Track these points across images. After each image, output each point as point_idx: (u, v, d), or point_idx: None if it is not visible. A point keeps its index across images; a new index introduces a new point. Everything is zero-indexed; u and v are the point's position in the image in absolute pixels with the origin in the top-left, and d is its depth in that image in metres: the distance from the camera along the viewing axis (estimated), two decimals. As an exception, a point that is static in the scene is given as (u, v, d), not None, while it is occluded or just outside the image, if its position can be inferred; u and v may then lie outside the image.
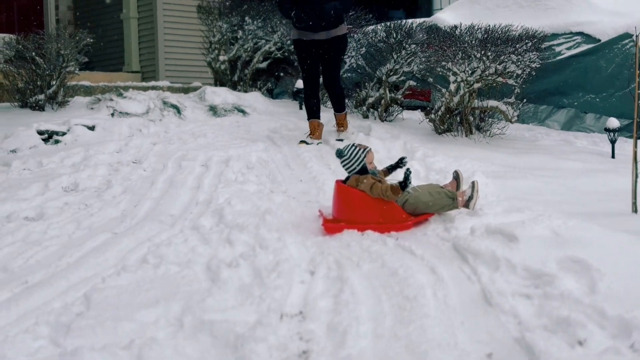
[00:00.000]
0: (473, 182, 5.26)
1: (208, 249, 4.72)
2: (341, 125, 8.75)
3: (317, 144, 8.26)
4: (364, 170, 5.28)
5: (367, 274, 4.21)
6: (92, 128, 8.71)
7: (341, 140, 8.17)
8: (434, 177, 6.48)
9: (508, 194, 5.97)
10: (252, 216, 5.39)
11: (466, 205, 5.17)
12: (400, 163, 5.51)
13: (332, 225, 5.13)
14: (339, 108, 8.68)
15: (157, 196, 6.20)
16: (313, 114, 8.52)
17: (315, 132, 8.43)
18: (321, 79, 8.71)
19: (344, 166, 5.37)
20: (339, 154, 5.36)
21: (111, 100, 9.71)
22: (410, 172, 4.99)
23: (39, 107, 9.52)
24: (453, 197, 5.16)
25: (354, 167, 5.30)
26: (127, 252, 4.69)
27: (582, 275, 3.71)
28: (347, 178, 5.36)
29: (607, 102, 10.03)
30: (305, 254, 4.60)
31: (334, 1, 8.11)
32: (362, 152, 5.30)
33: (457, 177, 5.54)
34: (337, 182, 5.37)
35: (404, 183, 4.97)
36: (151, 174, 6.93)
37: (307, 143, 8.21)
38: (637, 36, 5.20)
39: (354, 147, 5.34)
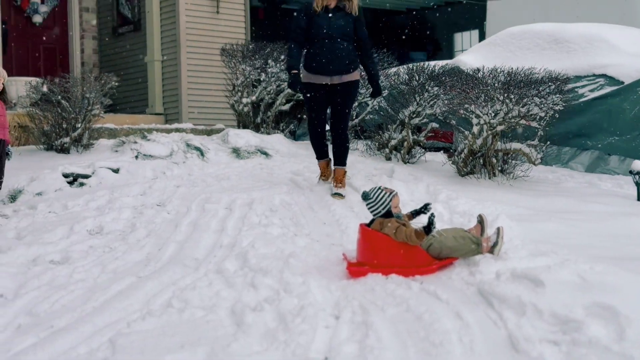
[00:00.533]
0: (498, 228, 5.23)
1: (232, 292, 4.72)
2: (340, 182, 7.93)
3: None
4: (389, 214, 5.28)
5: (392, 318, 4.19)
6: (116, 171, 8.77)
7: (340, 195, 7.69)
8: (458, 220, 6.46)
9: (533, 237, 5.93)
10: (276, 259, 5.39)
11: (491, 251, 5.14)
12: (424, 209, 5.50)
13: (356, 268, 5.12)
14: (341, 161, 7.99)
15: (181, 239, 6.22)
16: (324, 154, 8.18)
17: (326, 172, 8.17)
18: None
19: (369, 209, 5.37)
20: (365, 196, 5.36)
21: (135, 142, 9.79)
22: (434, 217, 4.98)
23: (64, 149, 9.61)
24: (478, 242, 5.14)
25: (379, 210, 5.30)
26: (151, 296, 4.70)
27: (610, 321, 3.67)
28: (372, 221, 5.35)
29: (632, 144, 9.98)
30: (330, 298, 4.60)
31: (360, 45, 7.85)
32: (388, 196, 5.30)
33: (481, 221, 5.51)
34: (361, 225, 5.37)
35: (428, 228, 4.96)
36: (175, 217, 6.96)
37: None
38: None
39: (380, 191, 5.34)
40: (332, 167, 8.11)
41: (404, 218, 5.34)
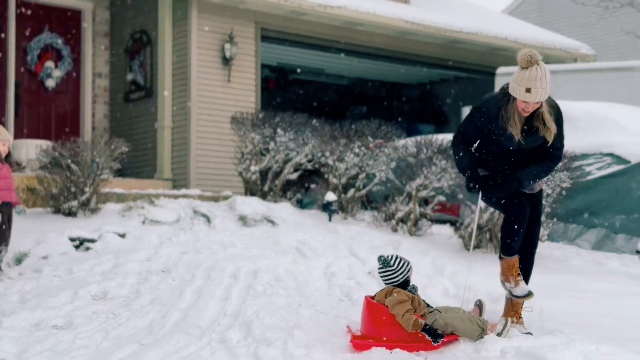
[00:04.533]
0: (507, 321, 5.20)
1: (235, 363, 4.70)
2: (518, 315, 5.77)
3: (528, 294, 5.68)
4: (404, 284, 5.27)
5: (395, 395, 4.15)
6: (122, 236, 8.78)
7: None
8: (463, 296, 6.42)
9: (538, 315, 5.90)
10: (281, 330, 5.36)
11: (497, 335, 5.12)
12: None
13: (360, 342, 5.09)
14: (525, 278, 5.89)
15: (186, 307, 6.20)
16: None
17: (516, 274, 5.76)
18: None
19: (385, 276, 5.33)
20: (385, 263, 5.32)
21: (142, 207, 9.81)
22: (441, 336, 5.00)
23: (71, 213, 9.64)
24: (483, 327, 5.10)
25: (397, 279, 5.29)
26: (154, 364, 4.67)
27: (616, 404, 3.64)
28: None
29: (638, 223, 9.98)
30: (333, 372, 4.56)
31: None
32: (408, 266, 5.31)
33: (479, 305, 5.53)
34: (366, 298, 5.35)
35: (432, 334, 4.96)
36: (180, 284, 6.94)
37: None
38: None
39: (400, 260, 5.33)
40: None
41: (417, 292, 5.31)
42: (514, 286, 5.65)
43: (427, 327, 4.97)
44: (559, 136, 5.60)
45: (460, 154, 5.83)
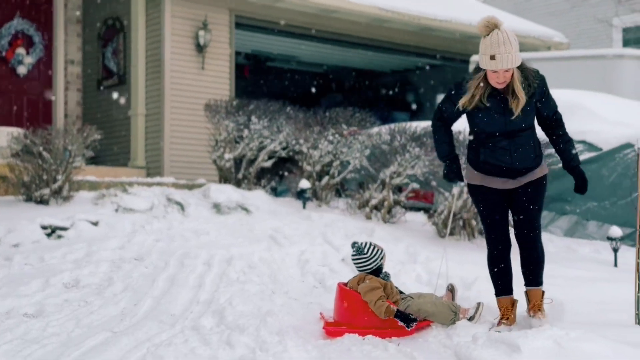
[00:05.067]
0: (479, 305, 5.22)
1: (208, 350, 4.69)
2: (538, 308, 5.28)
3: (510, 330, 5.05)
4: (377, 271, 5.28)
5: (367, 380, 4.17)
6: (95, 224, 8.73)
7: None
8: (436, 283, 6.45)
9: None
10: (253, 317, 5.36)
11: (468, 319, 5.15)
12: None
13: (333, 329, 5.10)
14: (533, 280, 5.37)
15: (158, 295, 6.18)
16: (504, 288, 5.36)
17: (510, 313, 5.27)
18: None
19: (359, 264, 5.32)
20: (359, 251, 5.31)
21: (115, 195, 9.76)
22: (414, 320, 4.99)
23: (43, 201, 9.56)
24: (456, 311, 5.13)
25: (370, 266, 5.28)
26: (126, 352, 4.65)
27: (585, 388, 3.67)
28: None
29: (610, 210, 10.07)
30: (306, 358, 4.57)
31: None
32: (381, 254, 5.31)
33: (452, 289, 5.55)
34: (339, 284, 5.35)
35: (404, 320, 4.96)
36: (153, 272, 6.91)
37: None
38: (638, 147, 5.26)
39: (374, 247, 5.33)
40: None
41: (390, 280, 5.31)
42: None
43: (400, 312, 4.98)
44: (551, 100, 5.27)
45: (439, 136, 5.44)
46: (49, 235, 8.29)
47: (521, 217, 5.30)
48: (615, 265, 8.21)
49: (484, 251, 8.29)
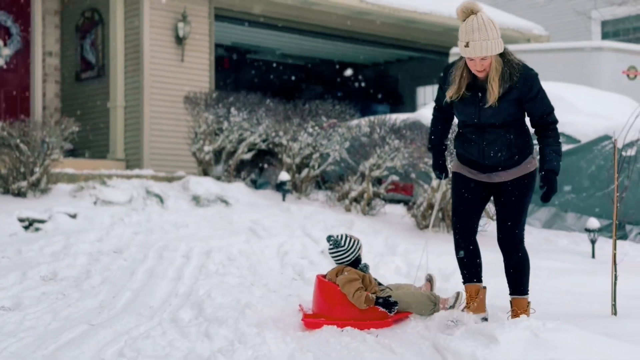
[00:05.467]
0: (458, 294, 5.23)
1: (186, 342, 4.68)
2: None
3: (482, 319, 4.98)
4: (355, 263, 5.27)
5: (346, 372, 4.17)
6: (73, 216, 8.69)
7: None
8: (416, 274, 6.46)
9: (488, 292, 5.95)
10: (232, 310, 5.35)
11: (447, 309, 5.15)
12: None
13: (311, 320, 5.10)
14: (516, 287, 5.04)
15: (137, 287, 6.16)
16: (469, 276, 5.20)
17: (473, 301, 5.11)
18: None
19: (337, 256, 5.30)
20: (336, 244, 5.30)
21: (94, 188, 9.71)
22: (395, 304, 4.97)
23: (21, 194, 9.50)
24: (435, 301, 5.13)
25: (348, 258, 5.27)
26: (103, 344, 4.63)
27: (561, 378, 3.69)
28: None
29: (588, 202, 10.13)
30: (285, 350, 4.57)
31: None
32: (358, 245, 5.29)
33: (430, 280, 5.56)
34: (318, 277, 5.35)
35: (386, 305, 4.95)
36: (131, 265, 6.89)
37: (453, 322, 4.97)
38: (616, 140, 5.28)
39: (350, 239, 5.31)
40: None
41: (369, 271, 5.30)
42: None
43: (380, 299, 4.97)
44: (541, 101, 4.88)
45: (432, 126, 5.28)
46: (26, 228, 8.24)
47: (500, 217, 5.02)
48: (593, 256, 8.26)
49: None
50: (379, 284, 5.38)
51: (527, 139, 4.99)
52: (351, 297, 5.01)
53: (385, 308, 4.95)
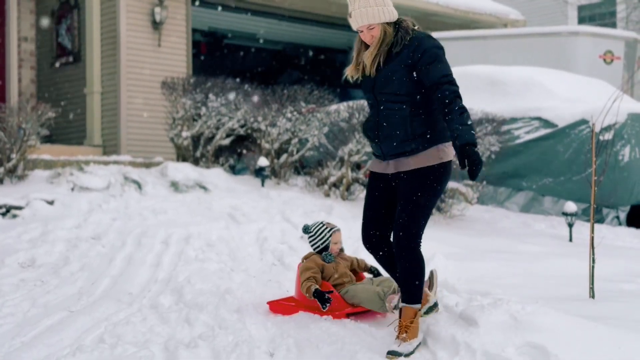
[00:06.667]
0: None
1: (166, 328, 4.67)
2: (405, 330, 4.29)
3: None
4: (325, 250, 5.26)
5: (327, 356, 4.18)
6: (51, 203, 8.63)
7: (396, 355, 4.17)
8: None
9: (468, 276, 5.99)
10: (212, 295, 5.35)
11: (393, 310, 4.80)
12: (374, 273, 5.39)
13: (273, 304, 5.11)
14: (403, 294, 4.41)
15: (116, 274, 6.14)
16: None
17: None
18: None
19: (310, 242, 5.32)
20: (306, 230, 5.31)
21: (71, 174, 9.65)
22: (328, 300, 4.84)
23: (-3, 180, 9.44)
24: (383, 299, 4.97)
25: (318, 245, 5.26)
26: (83, 331, 4.61)
27: (540, 361, 3.72)
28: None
29: (565, 186, 10.20)
30: (265, 335, 4.57)
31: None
32: (328, 232, 5.26)
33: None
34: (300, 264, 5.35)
35: (320, 300, 4.85)
36: (110, 251, 6.86)
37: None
38: (593, 124, 5.32)
39: (321, 225, 5.30)
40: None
41: (337, 259, 5.25)
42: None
43: (317, 292, 4.89)
44: (434, 66, 4.23)
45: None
46: (3, 214, 8.19)
47: (397, 213, 4.39)
48: (571, 240, 8.33)
49: (441, 228, 8.38)
50: (376, 275, 5.31)
51: (429, 122, 4.36)
52: (301, 285, 4.99)
53: (320, 302, 4.85)
